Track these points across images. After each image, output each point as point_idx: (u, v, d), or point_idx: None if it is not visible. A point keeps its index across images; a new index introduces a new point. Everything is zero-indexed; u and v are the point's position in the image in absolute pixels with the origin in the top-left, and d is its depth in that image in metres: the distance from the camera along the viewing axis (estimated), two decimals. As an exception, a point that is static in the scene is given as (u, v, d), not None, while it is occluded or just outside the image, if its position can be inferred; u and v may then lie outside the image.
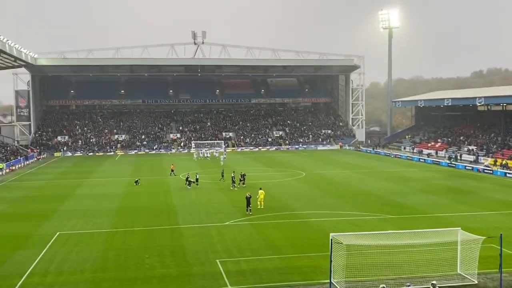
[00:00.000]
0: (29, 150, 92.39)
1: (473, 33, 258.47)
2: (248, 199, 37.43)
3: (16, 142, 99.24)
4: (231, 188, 49.79)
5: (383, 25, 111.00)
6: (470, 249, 23.55)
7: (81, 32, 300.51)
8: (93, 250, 28.40)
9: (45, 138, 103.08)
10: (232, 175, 51.41)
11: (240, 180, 51.23)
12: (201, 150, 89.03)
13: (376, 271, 23.24)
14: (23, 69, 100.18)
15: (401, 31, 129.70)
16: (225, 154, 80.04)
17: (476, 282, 22.80)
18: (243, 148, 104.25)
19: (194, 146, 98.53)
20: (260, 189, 40.66)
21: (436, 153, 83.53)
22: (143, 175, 61.22)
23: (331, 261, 22.15)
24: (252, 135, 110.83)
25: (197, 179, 52.28)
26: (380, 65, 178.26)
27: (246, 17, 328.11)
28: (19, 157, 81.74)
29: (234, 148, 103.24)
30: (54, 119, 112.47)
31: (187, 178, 52.08)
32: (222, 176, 55.71)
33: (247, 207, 37.44)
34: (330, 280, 22.20)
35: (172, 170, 62.02)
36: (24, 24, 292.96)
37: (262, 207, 39.03)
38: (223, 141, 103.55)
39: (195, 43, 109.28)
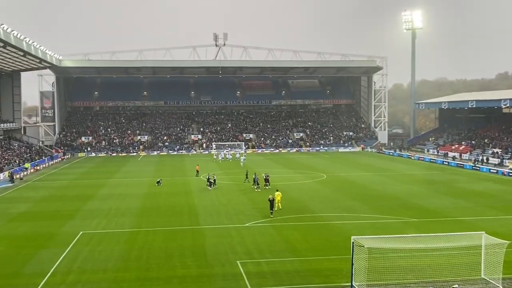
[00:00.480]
0: (53, 151, 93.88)
1: (498, 34, 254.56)
2: (271, 202, 37.19)
3: (40, 142, 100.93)
4: (255, 190, 49.62)
5: (406, 26, 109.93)
6: (495, 254, 23.14)
7: (105, 34, 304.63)
8: (116, 250, 28.70)
9: (69, 139, 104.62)
10: (254, 176, 51.37)
11: (265, 183, 50.97)
12: (222, 151, 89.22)
13: (398, 275, 22.99)
14: (48, 71, 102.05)
15: (425, 32, 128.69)
16: (244, 155, 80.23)
17: (501, 287, 22.39)
18: (263, 149, 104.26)
19: (214, 147, 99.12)
20: (277, 190, 40.54)
21: (460, 155, 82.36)
22: (165, 175, 61.64)
23: (352, 264, 22.00)
24: (273, 137, 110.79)
25: (214, 180, 52.45)
26: (404, 67, 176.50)
27: (267, 19, 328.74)
28: (43, 157, 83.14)
29: (254, 150, 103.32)
30: (78, 120, 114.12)
31: (208, 179, 52.30)
32: (247, 177, 55.57)
33: (271, 210, 37.09)
34: (352, 284, 22.04)
35: (197, 171, 62.09)
36: (49, 27, 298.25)
37: (280, 208, 38.90)
38: (243, 143, 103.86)
39: (216, 45, 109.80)
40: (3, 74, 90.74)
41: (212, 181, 52.03)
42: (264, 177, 51.29)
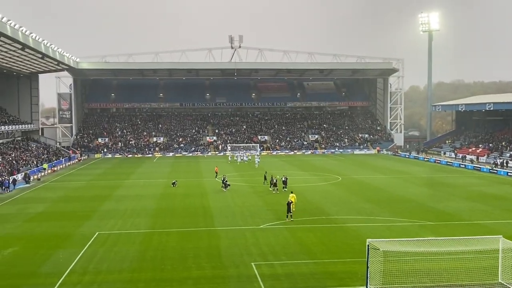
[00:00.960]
0: (70, 152, 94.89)
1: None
2: (289, 205, 36.91)
3: (58, 143, 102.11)
4: (273, 192, 49.53)
5: (423, 28, 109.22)
6: (512, 258, 22.87)
7: (122, 37, 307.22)
8: (131, 250, 28.90)
9: (86, 140, 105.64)
10: (272, 178, 51.31)
11: (283, 185, 50.67)
12: (238, 153, 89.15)
13: (413, 278, 22.83)
14: (65, 73, 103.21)
15: (442, 34, 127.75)
16: (258, 158, 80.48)
17: (519, 292, 22.11)
18: (278, 151, 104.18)
19: (229, 149, 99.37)
20: (291, 192, 40.47)
21: (477, 158, 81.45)
22: (180, 177, 61.86)
23: (367, 267, 21.88)
24: (288, 139, 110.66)
25: (223, 181, 52.56)
26: (420, 69, 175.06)
27: (283, 21, 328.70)
28: (61, 158, 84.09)
29: (269, 152, 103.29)
30: (94, 121, 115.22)
31: (223, 180, 52.44)
32: (265, 179, 55.44)
33: (287, 213, 36.74)
34: (367, 287, 21.93)
35: (216, 173, 61.77)
36: (67, 29, 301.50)
37: (293, 210, 38.66)
38: (258, 144, 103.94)
39: (232, 47, 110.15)
40: (22, 76, 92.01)
41: (229, 183, 52.16)
42: (283, 179, 51.17)
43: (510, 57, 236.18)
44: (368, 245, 22.13)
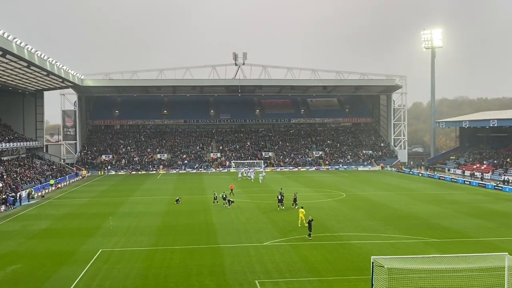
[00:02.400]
0: (74, 169, 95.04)
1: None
2: (309, 223, 36.31)
3: (62, 160, 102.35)
4: (279, 208, 49.51)
5: (425, 45, 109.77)
6: (519, 276, 22.64)
7: (126, 54, 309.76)
8: (134, 268, 28.78)
9: (90, 157, 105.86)
10: (279, 195, 51.30)
11: (293, 202, 50.58)
12: (246, 169, 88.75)
13: (419, 296, 22.62)
14: (70, 90, 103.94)
15: (445, 51, 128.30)
16: (264, 173, 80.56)
17: (526, 310, 21.85)
18: (282, 167, 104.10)
19: (234, 166, 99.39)
20: (301, 207, 40.52)
21: (482, 175, 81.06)
22: (184, 193, 61.81)
23: (372, 284, 21.72)
24: (292, 155, 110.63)
25: (224, 198, 52.53)
26: (423, 85, 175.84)
27: (286, 38, 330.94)
28: (65, 175, 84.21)
29: (273, 168, 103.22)
30: (99, 138, 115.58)
31: (224, 197, 52.35)
32: (215, 198, 54.21)
33: (309, 232, 36.17)
34: (371, 304, 21.72)
35: (232, 190, 60.11)
36: (72, 47, 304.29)
37: (305, 225, 38.70)
38: (262, 161, 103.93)
39: (236, 64, 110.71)
40: (27, 94, 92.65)
41: (224, 198, 52.44)
42: (293, 197, 51.00)
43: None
44: (372, 262, 22.00)
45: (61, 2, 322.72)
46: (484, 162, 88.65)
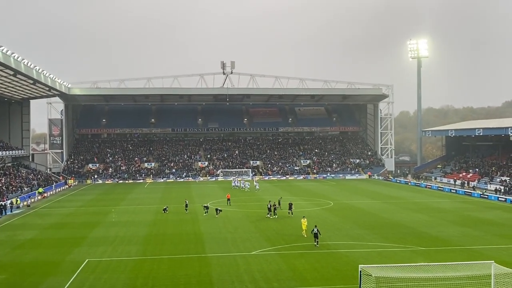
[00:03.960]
0: (61, 178, 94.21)
1: (504, 62, 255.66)
2: (316, 235, 36.52)
3: (48, 169, 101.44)
4: (271, 217, 49.50)
5: (412, 55, 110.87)
6: (504, 283, 22.87)
7: (114, 62, 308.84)
8: (121, 278, 28.55)
9: (76, 166, 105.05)
10: (276, 203, 51.39)
11: (288, 210, 50.89)
12: (238, 179, 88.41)
13: (406, 305, 22.70)
14: (57, 98, 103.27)
15: (431, 60, 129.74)
16: (256, 183, 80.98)
17: (512, 318, 22.03)
18: (270, 176, 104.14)
19: (222, 175, 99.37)
20: (303, 217, 40.89)
21: (468, 183, 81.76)
22: (172, 202, 61.55)
23: (359, 293, 21.76)
24: (280, 164, 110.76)
25: (207, 207, 52.60)
26: (410, 94, 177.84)
27: (274, 48, 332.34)
28: (52, 185, 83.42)
29: (261, 177, 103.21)
30: (85, 147, 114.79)
31: (205, 207, 52.55)
32: (279, 204, 54.69)
33: (315, 241, 36.52)
34: (359, 313, 21.76)
35: (229, 199, 60.02)
36: (59, 55, 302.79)
37: (305, 236, 38.91)
38: (250, 170, 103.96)
39: (224, 73, 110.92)
40: (13, 102, 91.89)
41: (206, 206, 52.68)
42: (289, 205, 51.44)
43: (498, 83, 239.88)
44: (360, 271, 22.07)
45: (48, 10, 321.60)
46: (470, 170, 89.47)
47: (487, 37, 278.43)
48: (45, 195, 73.77)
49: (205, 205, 53.44)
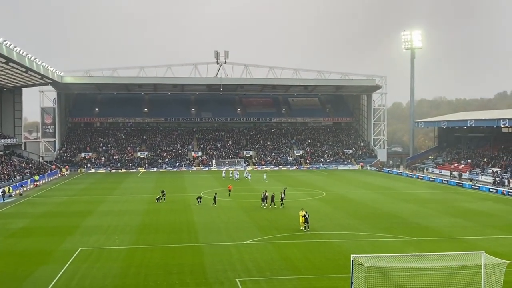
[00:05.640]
0: (53, 167, 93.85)
1: (497, 54, 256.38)
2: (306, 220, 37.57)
3: (40, 158, 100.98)
4: (263, 207, 49.75)
5: (405, 46, 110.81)
6: (494, 273, 23.07)
7: (107, 51, 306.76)
8: (114, 267, 28.60)
9: (69, 155, 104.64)
10: (265, 194, 51.39)
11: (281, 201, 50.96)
12: (231, 168, 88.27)
13: (397, 294, 22.90)
14: (49, 87, 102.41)
15: (424, 52, 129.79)
16: (247, 173, 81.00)
17: (501, 307, 22.28)
18: (263, 166, 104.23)
19: (215, 164, 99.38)
20: (302, 209, 40.03)
21: (460, 174, 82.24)
22: (165, 192, 61.45)
23: (352, 282, 21.94)
24: (273, 154, 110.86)
25: (199, 198, 52.84)
26: (403, 86, 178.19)
27: (268, 37, 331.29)
28: (46, 172, 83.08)
29: (254, 167, 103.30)
30: (78, 136, 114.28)
31: (198, 198, 52.83)
32: (284, 194, 53.88)
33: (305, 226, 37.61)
34: (351, 302, 21.93)
35: (230, 190, 59.26)
36: (52, 43, 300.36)
37: (302, 228, 38.56)
38: (243, 160, 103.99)
39: (217, 63, 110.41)
40: (5, 90, 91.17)
41: (199, 197, 52.92)
42: (281, 195, 51.41)
43: (491, 75, 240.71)
44: (352, 261, 22.21)
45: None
46: (462, 161, 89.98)
47: (480, 29, 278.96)
48: (37, 183, 73.48)
49: (199, 196, 53.40)
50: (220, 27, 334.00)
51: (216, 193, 53.56)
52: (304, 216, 37.92)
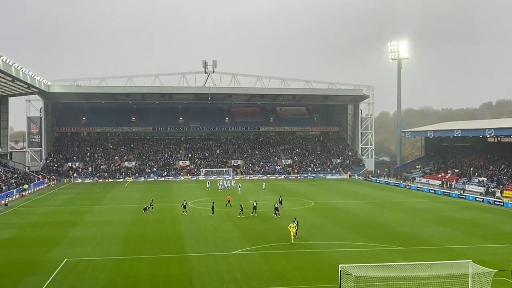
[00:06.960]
0: (39, 177, 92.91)
1: (482, 64, 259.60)
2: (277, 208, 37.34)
3: (27, 168, 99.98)
4: (239, 216, 49.56)
5: (392, 56, 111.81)
6: (481, 282, 23.22)
7: (94, 60, 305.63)
8: (100, 278, 28.28)
9: (55, 165, 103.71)
10: (241, 203, 51.28)
11: (252, 210, 50.91)
12: (219, 177, 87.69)
13: (385, 304, 22.90)
14: (36, 96, 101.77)
15: (411, 62, 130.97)
16: (234, 182, 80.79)
17: (488, 316, 22.37)
18: (252, 176, 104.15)
19: (203, 173, 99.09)
20: (294, 220, 39.35)
21: (447, 184, 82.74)
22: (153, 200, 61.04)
23: (340, 292, 21.88)
24: (261, 163, 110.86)
25: (184, 206, 52.61)
26: (390, 95, 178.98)
27: (256, 47, 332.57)
28: (32, 183, 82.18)
29: (242, 176, 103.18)
30: (65, 145, 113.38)
31: (184, 205, 52.42)
32: (281, 203, 53.97)
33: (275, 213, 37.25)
34: (339, 312, 21.89)
35: (229, 201, 57.95)
36: (38, 53, 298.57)
37: (295, 236, 38.00)
38: (231, 169, 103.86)
39: (205, 72, 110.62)
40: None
41: (184, 205, 52.76)
42: (253, 205, 51.22)
43: (476, 85, 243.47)
44: (340, 271, 22.20)
45: (27, 6, 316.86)
46: (448, 171, 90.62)
47: (465, 40, 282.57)
48: (23, 193, 72.66)
49: (184, 204, 53.23)
50: (208, 37, 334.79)
51: (213, 202, 53.33)
52: (293, 222, 37.78)
